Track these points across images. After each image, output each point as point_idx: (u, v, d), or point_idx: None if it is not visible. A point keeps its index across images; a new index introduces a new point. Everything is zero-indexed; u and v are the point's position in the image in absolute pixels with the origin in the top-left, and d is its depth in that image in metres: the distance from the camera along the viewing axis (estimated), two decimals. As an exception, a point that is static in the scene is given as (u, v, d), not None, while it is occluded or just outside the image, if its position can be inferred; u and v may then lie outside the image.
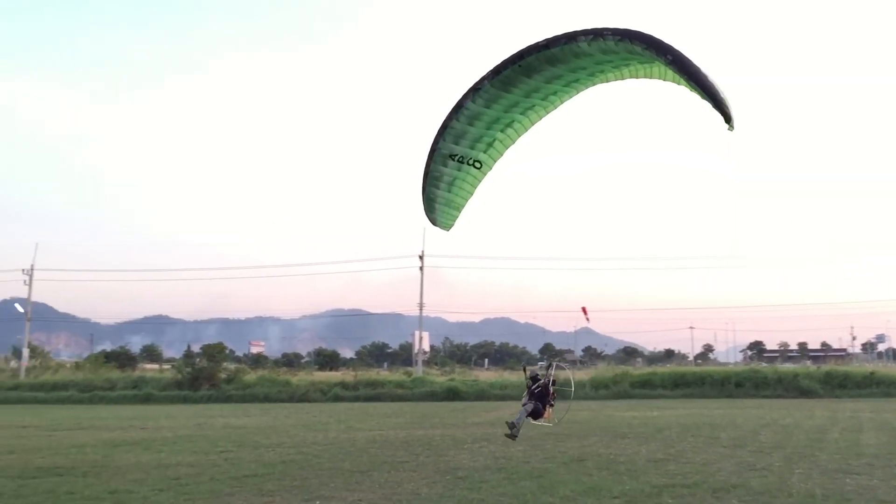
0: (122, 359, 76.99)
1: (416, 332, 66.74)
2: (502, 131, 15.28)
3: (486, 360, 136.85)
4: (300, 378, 56.65)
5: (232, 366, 59.68)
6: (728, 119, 11.34)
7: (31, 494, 13.01)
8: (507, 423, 20.15)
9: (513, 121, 15.12)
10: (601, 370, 59.83)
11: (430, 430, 21.67)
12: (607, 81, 14.27)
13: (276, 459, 17.36)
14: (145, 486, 13.79)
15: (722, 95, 11.48)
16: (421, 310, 66.72)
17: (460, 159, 15.42)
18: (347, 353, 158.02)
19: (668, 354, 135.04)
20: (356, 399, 46.45)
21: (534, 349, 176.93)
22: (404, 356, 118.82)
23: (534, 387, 21.04)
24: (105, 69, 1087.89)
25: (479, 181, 16.10)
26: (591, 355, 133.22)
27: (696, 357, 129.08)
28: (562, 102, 14.91)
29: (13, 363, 67.87)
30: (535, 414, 20.66)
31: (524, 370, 22.40)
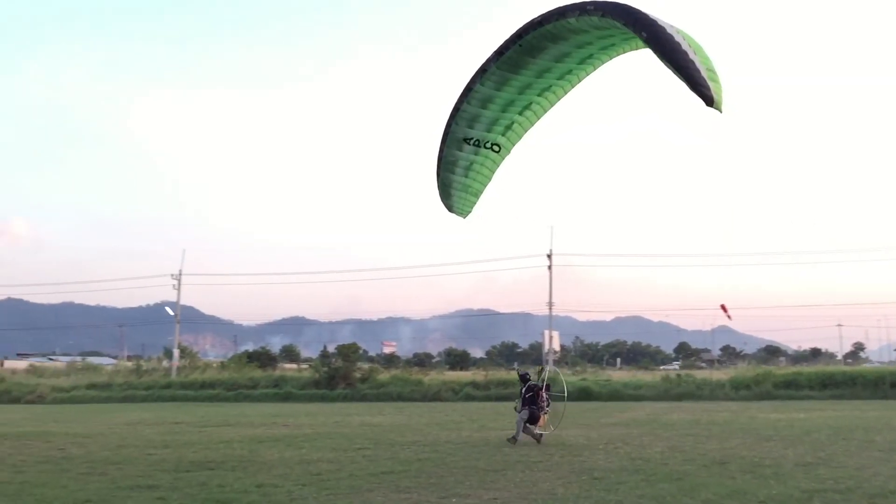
0: (263, 359, 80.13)
1: (546, 332, 66.12)
2: (520, 114, 14.92)
3: (619, 360, 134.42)
4: (432, 377, 57.30)
5: (366, 365, 61.17)
6: (707, 100, 10.54)
7: (185, 487, 13.75)
8: (507, 440, 20.04)
9: (531, 103, 14.78)
10: (741, 370, 57.36)
11: (563, 430, 21.41)
12: (623, 52, 13.69)
13: (411, 457, 17.64)
14: (289, 480, 14.33)
15: (698, 76, 10.62)
16: (550, 309, 66.21)
17: (476, 143, 15.18)
18: (477, 352, 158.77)
19: (815, 353, 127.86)
20: (487, 398, 46.51)
21: (668, 348, 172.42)
22: (534, 356, 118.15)
23: (524, 391, 20.59)
24: (224, 76, 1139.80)
25: (498, 165, 15.83)
26: (730, 355, 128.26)
27: (846, 356, 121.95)
28: (579, 80, 14.40)
29: (165, 363, 71.95)
30: (532, 419, 20.23)
31: (517, 372, 22.26)
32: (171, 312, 76.86)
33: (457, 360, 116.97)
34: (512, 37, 13.31)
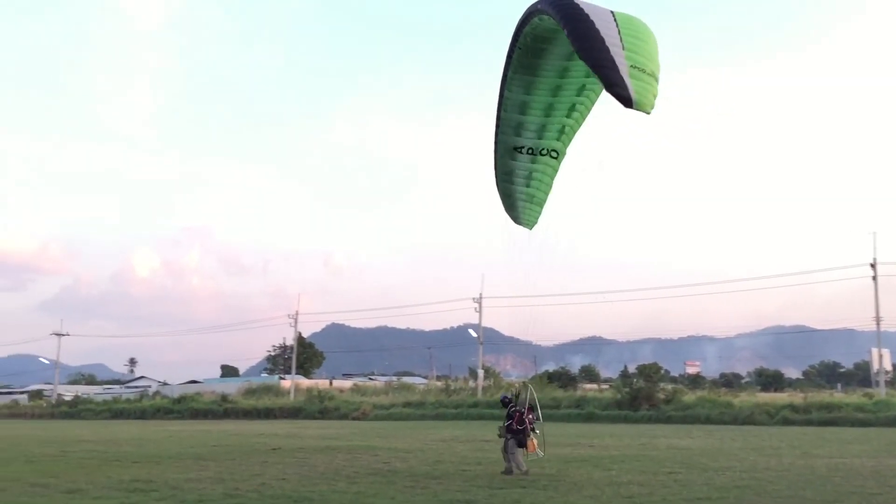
0: (563, 378, 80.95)
1: (874, 350, 59.42)
2: (568, 116, 14.16)
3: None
4: (742, 399, 53.87)
5: (669, 386, 59.18)
6: (623, 100, 9.56)
7: (500, 503, 14.13)
8: (501, 472, 17.98)
9: (574, 104, 14.03)
10: None
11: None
12: None
13: (727, 483, 16.61)
14: (600, 502, 14.16)
15: (614, 74, 9.61)
16: (878, 324, 59.32)
17: (530, 151, 14.52)
18: (792, 372, 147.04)
19: None
20: (808, 423, 42.73)
21: None
22: (860, 376, 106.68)
23: (507, 421, 18.45)
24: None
25: (557, 171, 15.00)
26: None
27: None
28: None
29: (471, 382, 75.29)
30: (520, 444, 18.25)
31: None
32: (474, 334, 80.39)
33: (769, 380, 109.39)
34: (511, 39, 13.02)
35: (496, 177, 15.48)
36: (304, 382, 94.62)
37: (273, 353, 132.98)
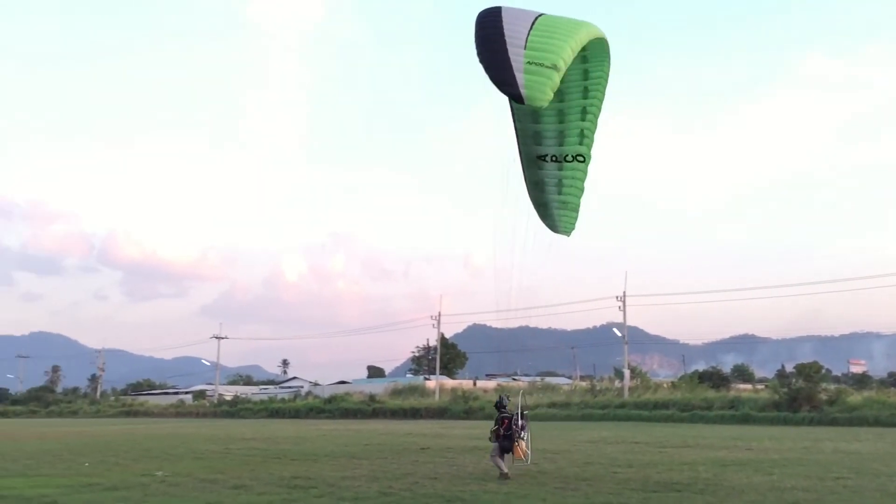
0: (714, 378, 77.99)
1: None
2: (583, 119, 14.12)
3: None
4: (915, 400, 50.03)
5: (832, 386, 55.76)
6: (515, 97, 10.15)
7: (656, 507, 13.77)
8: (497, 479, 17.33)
9: (583, 107, 13.99)
10: None
11: None
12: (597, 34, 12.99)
13: (906, 491, 15.43)
14: (763, 508, 13.49)
15: (504, 73, 9.99)
16: None
17: (555, 158, 14.52)
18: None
19: None
20: None
21: None
22: None
23: (495, 426, 18.03)
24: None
25: (587, 174, 14.97)
26: None
27: None
28: (605, 74, 13.72)
29: (617, 383, 73.89)
30: (502, 451, 17.83)
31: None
32: (619, 333, 78.88)
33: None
34: None
35: (527, 188, 15.65)
36: (449, 383, 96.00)
37: (417, 354, 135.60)
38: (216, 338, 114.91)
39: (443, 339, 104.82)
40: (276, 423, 62.82)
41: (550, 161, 14.79)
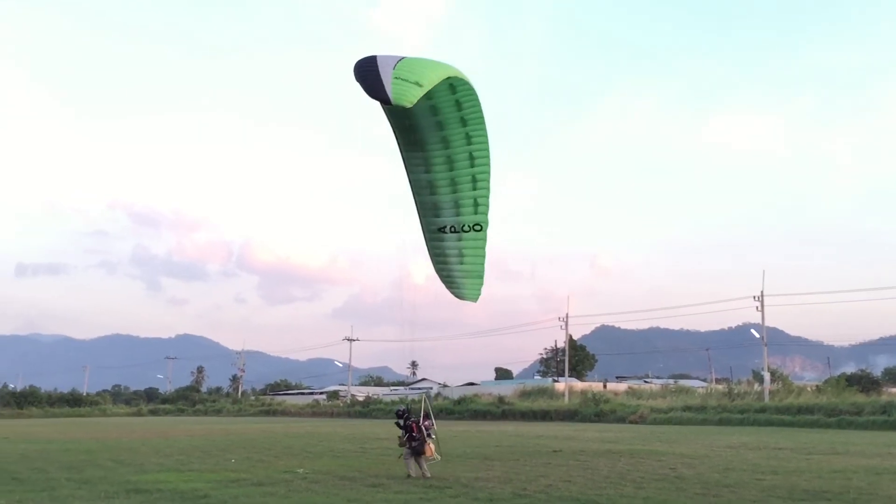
0: (864, 382, 73.26)
1: None
2: (475, 188, 14.13)
3: None
4: None
5: None
6: (384, 100, 10.70)
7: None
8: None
9: (472, 174, 13.97)
10: None
11: None
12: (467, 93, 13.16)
13: None
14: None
15: (374, 81, 10.69)
16: None
17: (453, 229, 14.61)
18: None
19: None
20: None
21: None
22: None
23: (403, 435, 18.31)
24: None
25: (486, 240, 15.00)
26: None
27: None
28: (483, 131, 13.55)
29: (756, 386, 70.79)
30: (416, 453, 18.71)
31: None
32: (757, 335, 75.61)
33: None
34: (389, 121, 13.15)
35: (431, 259, 15.81)
36: (578, 385, 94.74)
37: (545, 356, 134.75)
38: (347, 339, 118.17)
39: (571, 341, 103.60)
40: (407, 424, 63.83)
41: (450, 232, 15.13)
